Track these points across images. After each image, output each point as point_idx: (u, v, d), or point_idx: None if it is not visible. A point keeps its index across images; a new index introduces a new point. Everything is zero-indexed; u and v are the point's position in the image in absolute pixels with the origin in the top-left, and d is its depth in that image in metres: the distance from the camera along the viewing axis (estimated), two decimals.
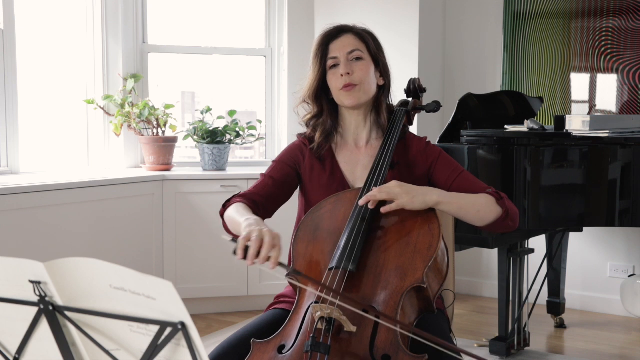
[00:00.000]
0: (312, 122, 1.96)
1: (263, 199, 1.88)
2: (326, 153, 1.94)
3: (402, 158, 1.92)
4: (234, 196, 1.88)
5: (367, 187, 1.79)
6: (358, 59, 1.87)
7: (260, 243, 1.52)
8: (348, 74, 1.85)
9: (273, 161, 1.99)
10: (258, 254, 1.51)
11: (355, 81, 1.86)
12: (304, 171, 1.95)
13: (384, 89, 1.96)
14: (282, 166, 1.95)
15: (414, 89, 2.09)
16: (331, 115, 1.95)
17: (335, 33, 1.90)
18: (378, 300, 1.62)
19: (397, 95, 2.05)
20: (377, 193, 1.70)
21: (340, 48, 1.88)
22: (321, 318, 1.54)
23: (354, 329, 1.55)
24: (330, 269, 1.66)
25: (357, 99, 1.87)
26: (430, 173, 1.91)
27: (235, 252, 1.53)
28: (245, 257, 1.51)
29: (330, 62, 1.88)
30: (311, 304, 1.64)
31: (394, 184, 1.72)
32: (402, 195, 1.69)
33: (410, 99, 2.07)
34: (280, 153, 2.00)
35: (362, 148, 1.95)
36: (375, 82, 1.92)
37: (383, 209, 1.70)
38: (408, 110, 2.01)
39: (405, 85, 2.11)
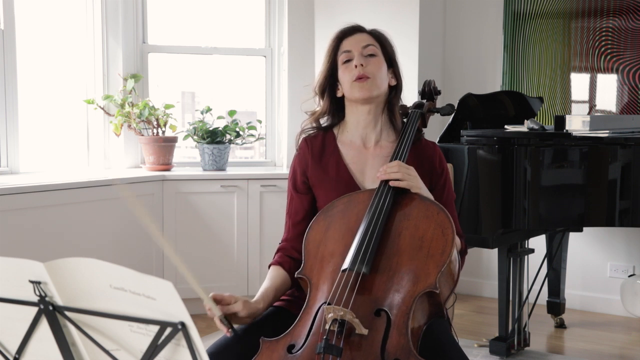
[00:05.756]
0: (316, 117, 1.96)
1: (299, 244, 1.86)
2: (332, 153, 1.92)
3: (415, 161, 1.89)
4: (277, 249, 1.92)
5: (382, 187, 1.77)
6: (372, 55, 1.87)
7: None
8: (362, 65, 1.85)
9: (290, 191, 1.95)
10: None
11: (368, 73, 1.85)
12: (311, 175, 1.92)
13: (395, 90, 1.94)
14: (299, 190, 1.93)
15: (429, 90, 2.09)
16: (333, 115, 1.94)
17: (350, 30, 1.90)
18: (390, 303, 1.61)
19: (406, 97, 2.04)
20: (395, 173, 1.75)
21: (355, 43, 1.88)
22: (334, 320, 1.54)
23: (365, 331, 1.55)
24: (344, 271, 1.66)
25: (369, 92, 1.85)
26: (430, 186, 1.89)
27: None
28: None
29: (343, 57, 1.88)
30: (322, 304, 1.64)
31: (413, 170, 1.78)
32: (414, 184, 1.77)
33: (424, 101, 2.06)
34: (289, 177, 1.96)
35: (371, 148, 1.92)
36: (387, 80, 1.91)
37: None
38: (423, 113, 2.00)
39: (408, 86, 2.09)
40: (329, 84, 1.92)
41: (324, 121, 1.97)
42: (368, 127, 1.92)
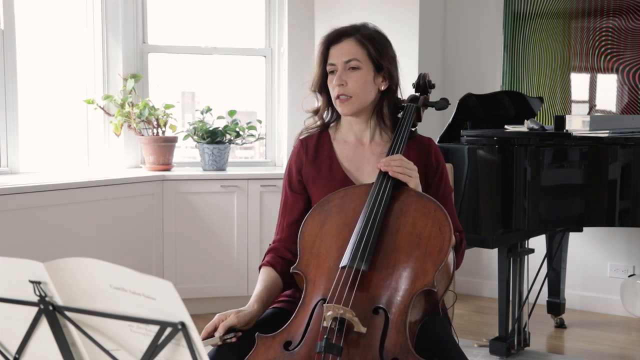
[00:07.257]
0: (316, 114, 1.97)
1: (292, 245, 1.86)
2: (327, 152, 1.93)
3: (411, 156, 1.88)
4: (268, 250, 1.91)
5: (381, 180, 1.76)
6: (354, 68, 1.86)
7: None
8: (342, 85, 1.85)
9: (285, 190, 1.96)
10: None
11: (349, 92, 1.85)
12: (305, 174, 1.94)
13: (387, 92, 1.93)
14: (295, 189, 1.94)
15: (424, 84, 2.07)
16: (333, 109, 1.95)
17: (337, 37, 1.88)
18: (388, 301, 1.61)
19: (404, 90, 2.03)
20: (397, 167, 1.75)
21: (338, 55, 1.86)
22: (334, 318, 1.54)
23: (364, 330, 1.55)
24: (342, 268, 1.65)
25: (350, 110, 1.87)
26: (426, 181, 1.90)
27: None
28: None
29: (328, 68, 1.89)
30: (319, 301, 1.64)
31: (413, 165, 1.78)
32: (413, 180, 1.77)
33: (419, 94, 2.05)
34: (284, 176, 1.98)
35: (367, 145, 1.93)
36: (374, 89, 1.89)
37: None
38: (418, 107, 1.98)
39: (408, 87, 2.09)
40: (324, 84, 1.92)
41: (325, 116, 1.98)
42: (361, 127, 1.94)
